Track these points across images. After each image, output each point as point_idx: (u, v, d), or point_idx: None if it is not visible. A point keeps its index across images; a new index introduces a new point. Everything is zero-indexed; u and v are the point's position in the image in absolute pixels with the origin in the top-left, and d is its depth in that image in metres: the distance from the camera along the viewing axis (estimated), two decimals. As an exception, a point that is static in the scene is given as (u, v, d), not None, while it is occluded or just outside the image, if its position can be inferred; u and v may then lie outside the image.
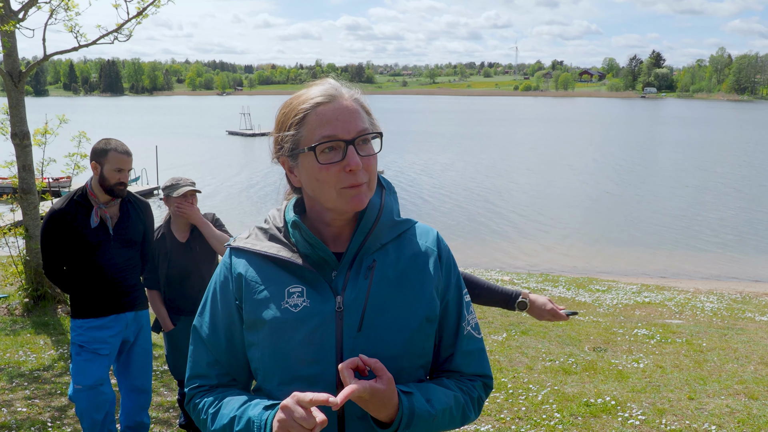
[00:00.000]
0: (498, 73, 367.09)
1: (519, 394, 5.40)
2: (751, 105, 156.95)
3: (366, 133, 1.43)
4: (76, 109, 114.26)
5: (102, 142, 3.66)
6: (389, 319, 1.45)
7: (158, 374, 5.78)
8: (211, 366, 1.56)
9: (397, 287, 1.48)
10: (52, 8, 7.95)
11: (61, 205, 3.63)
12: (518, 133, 65.65)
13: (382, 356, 1.39)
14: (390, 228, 1.54)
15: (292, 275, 1.48)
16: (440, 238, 1.61)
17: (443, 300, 1.56)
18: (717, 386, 5.58)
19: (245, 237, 1.57)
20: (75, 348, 3.72)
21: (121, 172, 3.60)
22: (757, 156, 45.43)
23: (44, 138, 8.57)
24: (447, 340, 1.57)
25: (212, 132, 65.96)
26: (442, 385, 1.52)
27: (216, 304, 1.56)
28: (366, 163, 1.42)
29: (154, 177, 30.26)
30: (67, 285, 3.76)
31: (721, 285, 14.81)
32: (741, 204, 26.90)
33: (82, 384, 3.68)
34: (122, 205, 3.78)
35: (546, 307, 2.79)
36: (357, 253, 1.49)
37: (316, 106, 1.42)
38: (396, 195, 1.63)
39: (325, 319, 1.43)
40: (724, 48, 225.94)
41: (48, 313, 8.02)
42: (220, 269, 1.58)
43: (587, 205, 27.14)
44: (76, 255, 3.65)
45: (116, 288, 3.74)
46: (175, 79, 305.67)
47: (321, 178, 1.42)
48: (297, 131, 1.44)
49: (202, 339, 1.57)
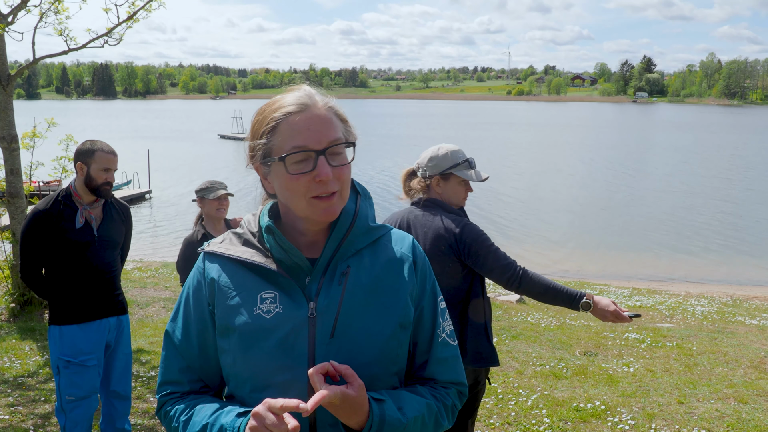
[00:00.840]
0: (491, 78, 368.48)
1: (509, 399, 5.38)
2: (741, 110, 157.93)
3: (338, 143, 1.41)
4: (67, 112, 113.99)
5: (87, 143, 3.63)
6: (363, 325, 1.43)
7: (144, 380, 5.72)
8: (183, 372, 1.53)
9: (372, 293, 1.46)
10: (41, 11, 7.90)
11: (44, 205, 3.57)
12: (511, 138, 65.75)
13: (355, 363, 1.38)
14: (365, 234, 1.52)
15: (266, 281, 1.46)
16: (416, 245, 1.60)
17: (418, 306, 1.54)
18: (707, 390, 5.57)
19: (219, 242, 1.55)
20: (61, 362, 3.61)
21: (107, 172, 3.58)
22: (748, 160, 45.66)
23: (32, 141, 8.50)
24: (422, 346, 1.56)
25: (204, 136, 65.90)
26: (416, 392, 1.49)
27: (189, 310, 1.54)
28: (338, 173, 1.41)
29: (145, 181, 30.13)
30: (45, 289, 3.67)
31: (712, 288, 14.85)
32: (731, 208, 27.00)
33: (74, 395, 3.61)
34: (105, 207, 3.74)
35: (609, 308, 2.83)
36: (331, 258, 1.47)
37: (287, 116, 1.40)
38: (371, 201, 1.61)
39: (297, 325, 1.41)
40: (714, 53, 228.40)
41: (34, 318, 7.95)
42: (194, 274, 1.56)
43: (579, 209, 27.17)
44: (59, 257, 3.58)
45: (100, 291, 3.68)
46: (169, 82, 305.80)
47: (291, 187, 1.41)
48: (269, 140, 1.43)
49: (174, 345, 1.55)
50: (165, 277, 11.57)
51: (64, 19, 8.06)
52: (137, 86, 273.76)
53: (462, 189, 3.20)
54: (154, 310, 8.99)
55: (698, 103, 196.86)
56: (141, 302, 9.31)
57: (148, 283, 10.83)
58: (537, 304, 10.94)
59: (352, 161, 1.46)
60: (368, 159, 41.10)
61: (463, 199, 3.23)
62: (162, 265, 13.38)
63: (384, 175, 34.88)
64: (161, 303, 9.33)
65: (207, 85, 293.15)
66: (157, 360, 6.21)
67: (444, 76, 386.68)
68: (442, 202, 3.16)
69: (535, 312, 9.94)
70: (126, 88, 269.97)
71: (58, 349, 3.63)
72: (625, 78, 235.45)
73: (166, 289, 10.41)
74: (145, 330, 7.71)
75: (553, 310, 10.25)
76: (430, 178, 3.19)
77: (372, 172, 35.43)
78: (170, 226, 23.18)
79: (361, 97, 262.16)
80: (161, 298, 9.65)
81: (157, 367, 4.47)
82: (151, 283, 10.85)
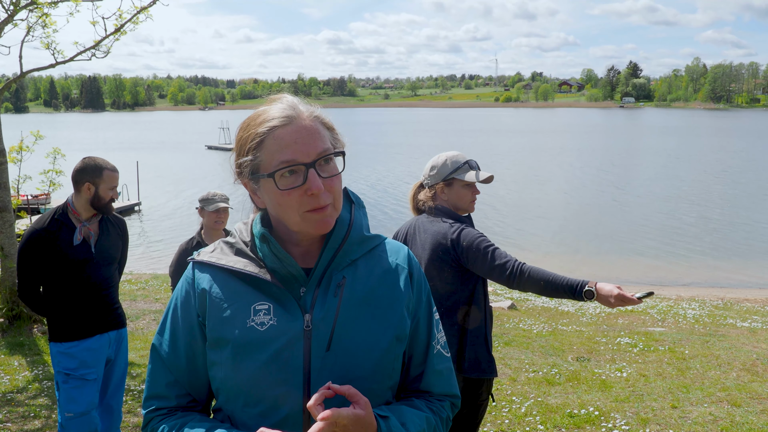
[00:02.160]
0: (479, 85, 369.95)
1: (502, 406, 5.36)
2: (727, 113, 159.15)
3: (327, 154, 1.38)
4: (55, 125, 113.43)
5: (91, 162, 3.59)
6: (359, 338, 1.41)
7: (135, 393, 5.67)
8: (171, 386, 1.49)
9: (367, 305, 1.43)
10: (29, 25, 7.87)
11: (42, 224, 3.55)
12: (499, 144, 65.92)
13: (351, 377, 1.36)
14: (360, 243, 1.49)
15: (259, 291, 1.42)
16: (411, 256, 1.58)
17: (414, 318, 1.52)
18: (700, 394, 5.58)
19: (210, 251, 1.51)
20: (61, 376, 3.60)
21: (113, 190, 3.62)
22: (735, 163, 45.95)
23: (20, 155, 8.45)
24: (417, 358, 1.54)
25: (192, 147, 65.79)
26: (414, 406, 1.47)
27: (177, 322, 1.49)
28: (329, 184, 1.37)
29: (135, 192, 30.01)
30: (44, 307, 3.66)
31: (703, 291, 14.91)
32: (719, 211, 27.12)
33: (73, 412, 3.58)
34: (101, 222, 3.73)
35: (613, 293, 2.71)
36: (326, 269, 1.44)
37: (272, 130, 1.36)
38: (365, 210, 1.58)
39: (292, 338, 1.38)
40: (699, 58, 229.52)
41: (23, 333, 7.87)
42: (182, 284, 1.51)
43: (568, 214, 27.23)
44: (57, 275, 3.56)
45: (100, 306, 3.67)
46: (157, 94, 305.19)
47: (283, 203, 1.37)
48: (255, 156, 1.39)
49: (161, 358, 1.50)
50: (155, 290, 11.49)
51: (52, 33, 8.03)
52: (126, 98, 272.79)
53: (468, 192, 3.19)
54: (144, 322, 8.93)
55: (685, 107, 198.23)
56: (131, 315, 9.24)
57: (138, 296, 10.76)
58: (529, 310, 10.94)
59: (342, 171, 1.43)
60: (356, 167, 41.11)
61: (470, 202, 3.22)
62: (152, 277, 13.30)
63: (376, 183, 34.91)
64: (151, 315, 9.27)
65: (196, 96, 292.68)
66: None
67: (432, 83, 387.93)
68: (447, 209, 3.15)
69: (527, 318, 9.94)
70: (114, 100, 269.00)
71: (58, 363, 3.62)
72: (611, 83, 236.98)
73: (156, 301, 10.34)
74: (135, 343, 7.64)
75: (545, 316, 10.26)
76: (434, 186, 3.20)
77: (364, 185, 35.43)
78: (160, 238, 23.05)
79: (350, 106, 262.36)
80: (151, 310, 9.59)
81: (148, 381, 4.43)
82: (141, 296, 10.78)
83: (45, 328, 7.87)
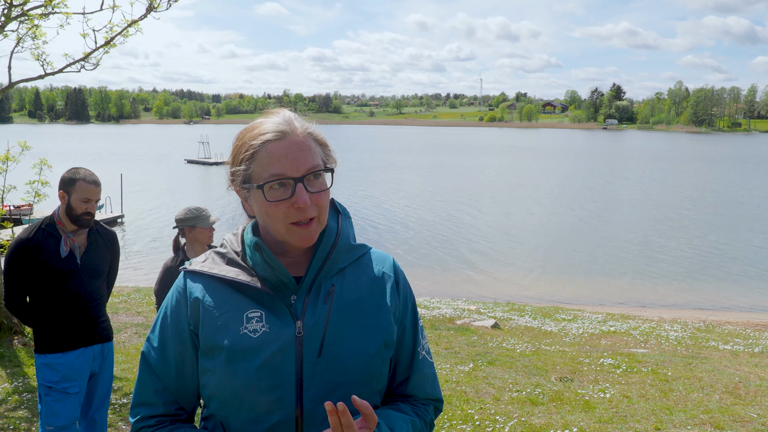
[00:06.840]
0: (463, 104, 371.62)
1: (486, 426, 5.36)
2: (709, 137, 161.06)
3: (316, 170, 1.43)
4: (40, 136, 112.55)
5: (71, 172, 3.60)
6: (348, 344, 1.45)
7: (116, 407, 5.60)
8: (159, 394, 1.52)
9: (356, 312, 1.48)
10: (19, 36, 7.84)
11: (28, 234, 3.55)
12: (483, 164, 66.29)
13: (341, 382, 1.41)
14: (347, 252, 1.54)
15: (251, 299, 1.46)
16: (396, 265, 1.63)
17: (400, 325, 1.58)
18: (683, 416, 5.61)
19: (202, 261, 1.56)
20: (43, 389, 3.59)
21: (88, 203, 3.56)
22: (717, 186, 46.50)
23: (5, 165, 8.38)
24: (403, 364, 1.59)
25: (171, 160, 65.66)
26: (400, 410, 1.53)
27: (166, 330, 1.52)
28: (316, 199, 1.42)
29: (118, 205, 29.85)
30: (31, 318, 3.64)
31: (685, 313, 15.02)
32: (702, 234, 27.42)
33: (54, 425, 3.56)
34: (90, 235, 3.72)
35: None
36: (316, 277, 1.49)
37: (266, 143, 1.42)
38: (351, 220, 1.64)
39: (284, 344, 1.42)
40: (682, 82, 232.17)
41: (4, 344, 7.76)
42: (173, 293, 1.54)
43: (552, 234, 27.39)
44: (43, 286, 3.55)
45: (84, 319, 3.66)
46: (143, 107, 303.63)
47: (270, 213, 1.42)
48: (247, 166, 1.44)
49: (150, 365, 1.53)
50: (137, 303, 11.39)
51: (41, 44, 8.01)
52: (111, 111, 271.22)
53: None
54: (126, 335, 8.84)
55: (667, 129, 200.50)
56: (112, 328, 9.13)
57: (120, 309, 10.66)
58: (512, 330, 10.96)
59: (330, 186, 1.48)
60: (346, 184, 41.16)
61: None
62: (134, 290, 13.19)
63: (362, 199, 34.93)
64: (133, 329, 9.18)
65: (181, 109, 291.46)
66: (130, 387, 6.10)
67: (417, 102, 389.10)
68: None
69: (511, 337, 9.95)
70: (99, 112, 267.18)
71: (41, 375, 3.60)
72: (595, 105, 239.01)
73: (139, 314, 10.25)
74: (117, 356, 7.55)
75: (528, 336, 10.28)
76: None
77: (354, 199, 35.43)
78: (143, 250, 22.88)
79: (336, 123, 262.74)
80: (133, 323, 9.50)
81: (130, 395, 4.39)
82: (123, 309, 10.67)
83: (25, 339, 7.78)
